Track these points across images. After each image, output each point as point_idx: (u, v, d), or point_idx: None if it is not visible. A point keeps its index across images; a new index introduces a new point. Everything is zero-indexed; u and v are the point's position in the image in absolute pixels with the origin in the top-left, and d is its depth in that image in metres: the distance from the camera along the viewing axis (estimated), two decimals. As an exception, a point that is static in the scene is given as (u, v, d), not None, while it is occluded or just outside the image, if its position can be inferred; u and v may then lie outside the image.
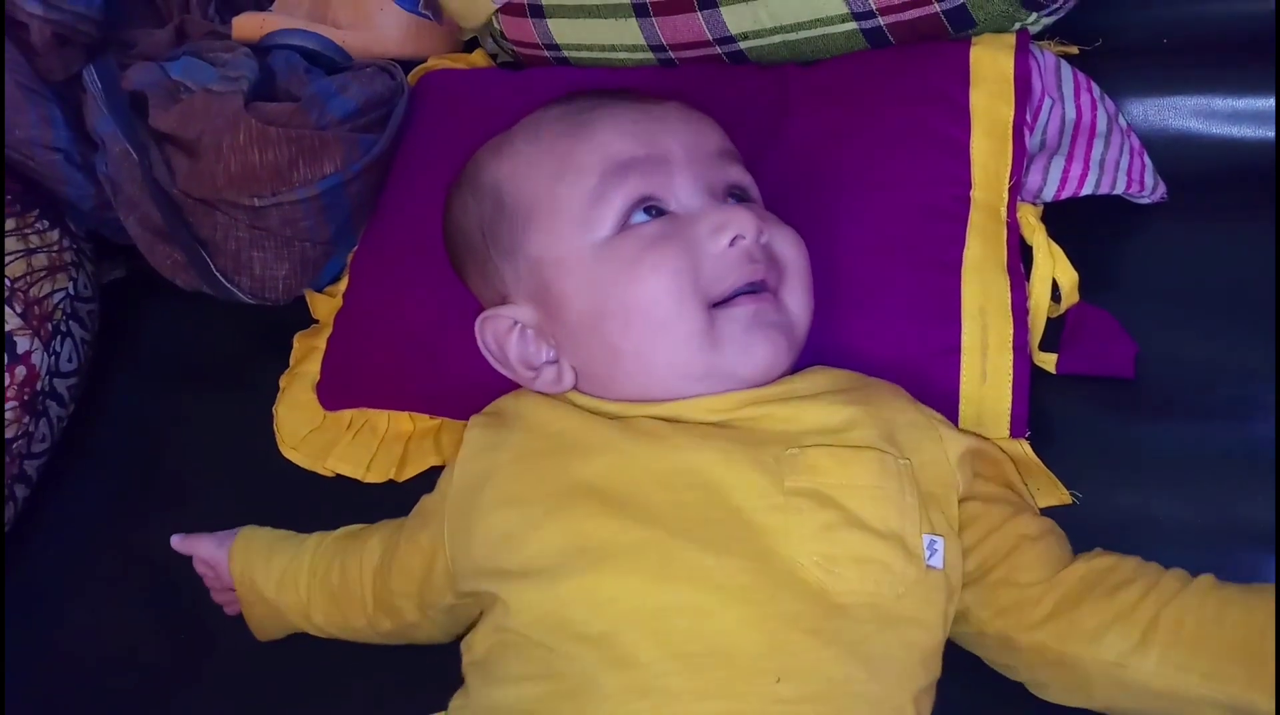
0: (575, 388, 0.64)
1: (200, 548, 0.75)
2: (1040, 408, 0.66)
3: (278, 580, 0.72)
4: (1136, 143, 0.73)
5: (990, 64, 0.71)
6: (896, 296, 0.67)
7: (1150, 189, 0.72)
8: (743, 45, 0.80)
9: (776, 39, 0.79)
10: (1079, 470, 0.65)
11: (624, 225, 0.61)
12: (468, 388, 0.77)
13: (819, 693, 0.52)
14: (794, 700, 0.51)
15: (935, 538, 0.55)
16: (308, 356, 0.86)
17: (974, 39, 0.73)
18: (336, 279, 0.88)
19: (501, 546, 0.59)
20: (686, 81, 0.79)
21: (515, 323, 0.65)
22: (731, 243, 0.60)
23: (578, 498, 0.57)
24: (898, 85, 0.72)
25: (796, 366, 0.64)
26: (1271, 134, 0.74)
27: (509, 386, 0.68)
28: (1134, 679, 0.54)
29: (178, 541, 0.75)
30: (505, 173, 0.67)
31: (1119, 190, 0.71)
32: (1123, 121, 0.74)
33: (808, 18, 0.76)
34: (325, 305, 0.87)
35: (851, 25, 0.76)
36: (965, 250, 0.67)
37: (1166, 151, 0.75)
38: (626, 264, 0.60)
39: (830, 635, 0.53)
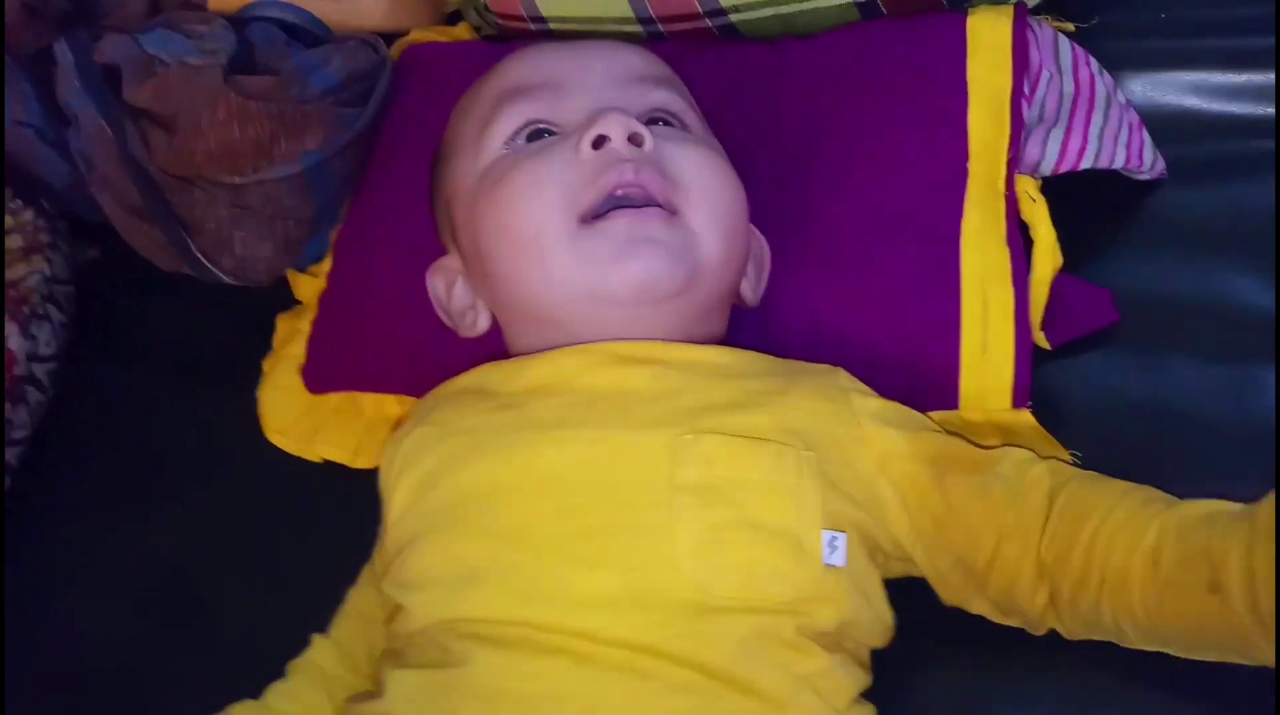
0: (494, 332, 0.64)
1: None
2: (1035, 380, 0.65)
3: None
4: (1135, 117, 0.73)
5: (987, 34, 0.70)
6: (896, 269, 0.66)
7: (1149, 164, 0.71)
8: (734, 18, 0.78)
9: (768, 11, 0.77)
10: (1074, 443, 0.65)
11: (507, 151, 0.61)
12: (455, 369, 0.75)
13: (688, 686, 0.50)
14: (659, 694, 0.50)
15: (836, 534, 0.53)
16: (291, 338, 0.84)
17: (972, 11, 0.71)
18: (320, 258, 0.86)
19: (396, 559, 0.58)
20: (678, 54, 0.78)
21: (455, 272, 0.66)
22: (599, 146, 0.57)
23: (459, 514, 0.56)
24: (895, 56, 0.71)
25: (750, 345, 0.62)
26: (1270, 109, 0.74)
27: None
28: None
29: None
30: (448, 129, 0.69)
31: (1118, 165, 0.70)
32: (1121, 96, 0.73)
33: (802, -11, 0.75)
34: (309, 286, 0.85)
35: (846, -2, 0.74)
36: (963, 221, 0.66)
37: (1165, 127, 0.74)
38: (494, 183, 0.59)
39: (705, 638, 0.50)
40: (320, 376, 0.82)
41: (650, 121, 0.61)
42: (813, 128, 0.71)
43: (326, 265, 0.84)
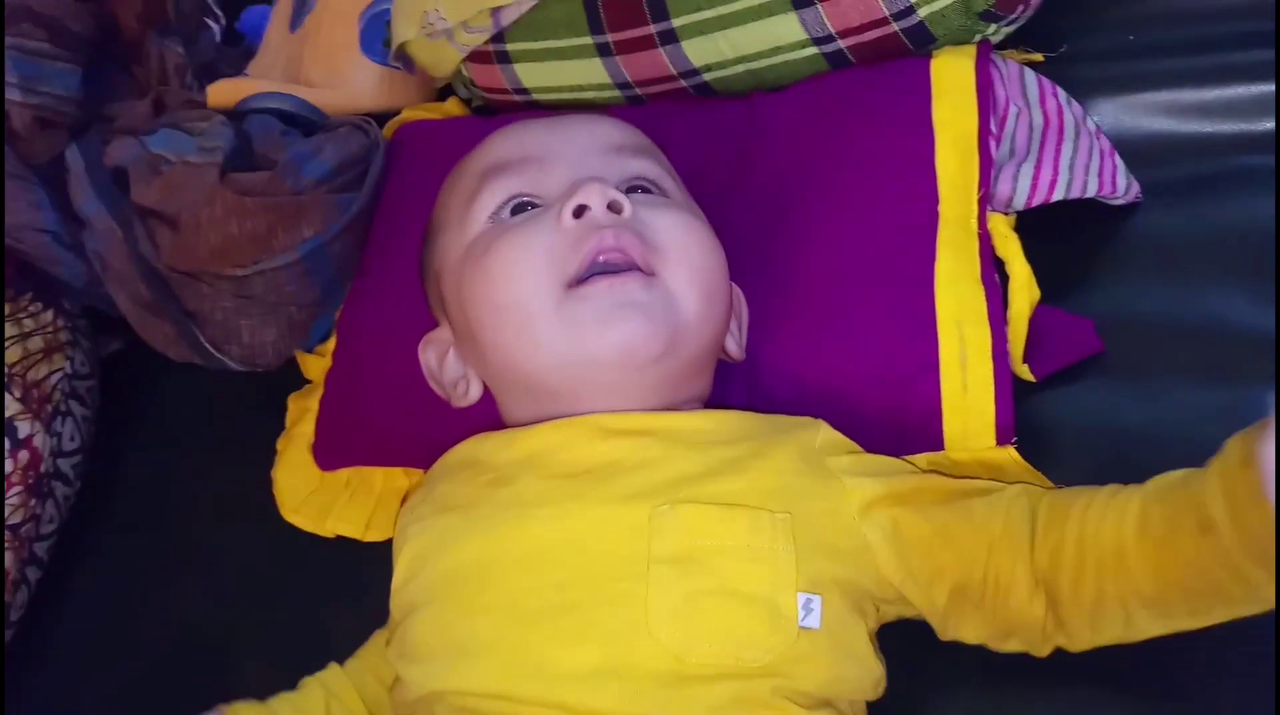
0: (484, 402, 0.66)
1: None
2: (1025, 414, 0.65)
3: None
4: (1106, 144, 0.73)
5: (951, 76, 0.71)
6: (872, 315, 0.67)
7: (1124, 189, 0.72)
8: (707, 77, 0.80)
9: (740, 69, 0.79)
10: (1068, 474, 0.64)
11: (492, 224, 0.63)
12: (459, 440, 0.78)
13: None
14: None
15: (812, 596, 0.53)
16: (302, 418, 0.86)
17: (937, 52, 0.72)
18: (326, 338, 0.88)
19: (397, 630, 0.60)
20: (655, 117, 0.80)
21: (446, 343, 0.68)
22: (579, 215, 0.59)
23: (450, 589, 0.58)
24: (862, 104, 0.72)
25: (739, 402, 0.64)
26: (1245, 125, 0.74)
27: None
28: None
29: None
30: (436, 209, 0.71)
31: (1090, 193, 0.71)
32: (1091, 123, 0.73)
33: (768, 46, 0.77)
34: (316, 365, 0.88)
35: (812, 50, 0.76)
36: (936, 264, 0.67)
37: (1138, 150, 0.74)
38: (480, 255, 0.61)
39: (682, 706, 0.51)
40: (329, 454, 0.84)
41: (629, 189, 0.63)
42: (785, 180, 0.72)
43: (332, 344, 0.87)
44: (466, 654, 0.55)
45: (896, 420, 0.64)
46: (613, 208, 0.60)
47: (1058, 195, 0.70)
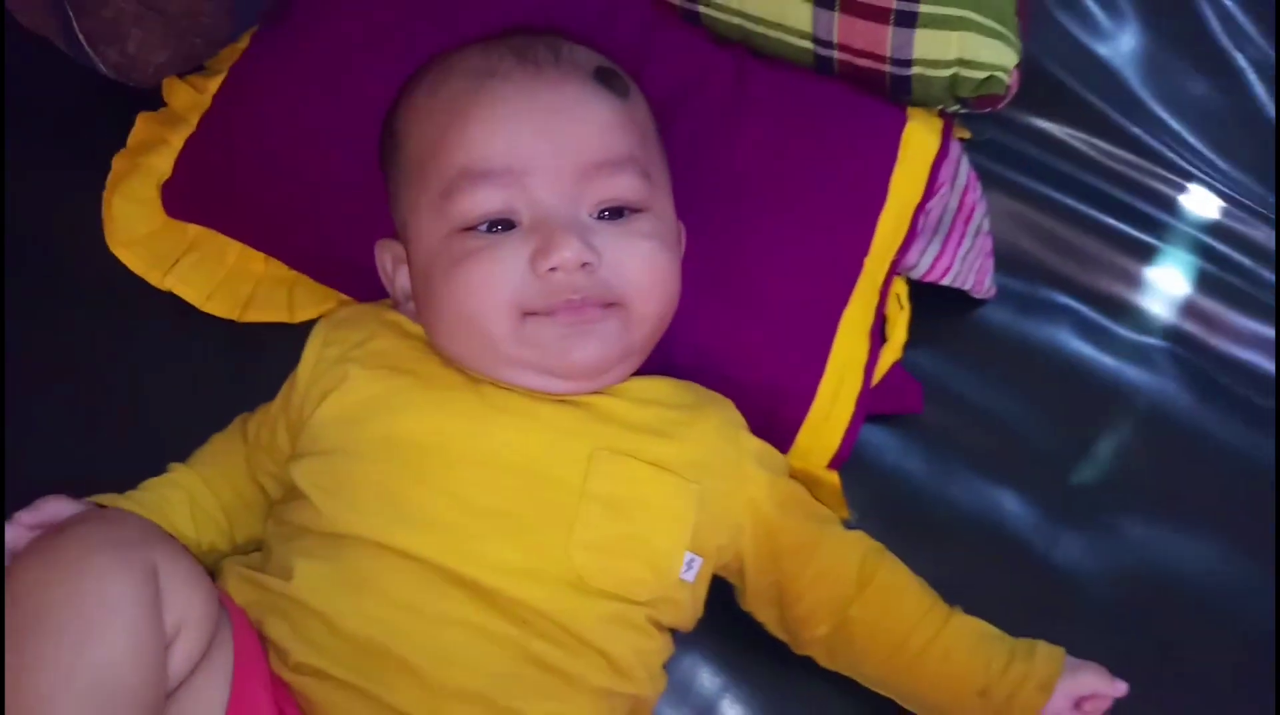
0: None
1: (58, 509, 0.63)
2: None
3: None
4: (989, 244, 0.84)
5: (917, 147, 0.77)
6: (782, 325, 0.75)
7: (986, 290, 0.84)
8: (701, 9, 0.81)
9: (735, 21, 0.80)
10: (857, 501, 0.78)
11: (468, 227, 0.65)
12: (340, 256, 0.76)
13: (557, 639, 0.62)
14: (534, 636, 0.61)
15: (695, 557, 0.66)
16: (156, 148, 0.79)
17: (910, 114, 0.79)
18: (201, 68, 0.80)
19: (316, 459, 0.65)
20: (644, 26, 0.79)
21: (400, 260, 0.70)
22: (552, 269, 0.63)
23: (403, 452, 0.64)
24: (841, 132, 0.77)
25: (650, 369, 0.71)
26: (1076, 273, 0.89)
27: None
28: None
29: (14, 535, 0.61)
30: (409, 118, 0.69)
31: (966, 287, 0.82)
32: (986, 223, 0.84)
33: (771, 18, 0.79)
34: (185, 96, 0.80)
35: (808, 44, 0.79)
36: (846, 310, 0.76)
37: (998, 252, 0.86)
38: (450, 264, 0.65)
39: (578, 611, 0.62)
40: (183, 202, 0.78)
41: (601, 213, 0.65)
42: (758, 164, 0.76)
43: (213, 84, 0.79)
44: (411, 521, 0.62)
45: (764, 421, 0.73)
46: (584, 267, 0.63)
47: (945, 282, 0.81)
